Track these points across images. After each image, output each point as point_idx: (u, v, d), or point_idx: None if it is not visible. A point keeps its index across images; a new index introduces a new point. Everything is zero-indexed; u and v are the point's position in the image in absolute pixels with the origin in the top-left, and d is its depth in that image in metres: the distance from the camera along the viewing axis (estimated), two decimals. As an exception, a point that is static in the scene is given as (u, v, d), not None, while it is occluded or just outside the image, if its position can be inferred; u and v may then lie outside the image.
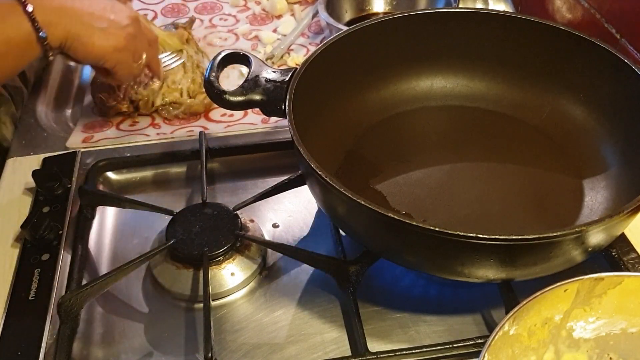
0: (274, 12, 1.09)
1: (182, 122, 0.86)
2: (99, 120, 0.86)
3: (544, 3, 0.97)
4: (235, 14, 1.10)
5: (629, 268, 0.63)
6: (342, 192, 0.53)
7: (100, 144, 0.82)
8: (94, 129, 0.85)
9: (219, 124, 0.86)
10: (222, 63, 0.68)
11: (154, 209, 0.68)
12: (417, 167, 0.71)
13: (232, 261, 0.65)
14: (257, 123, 0.85)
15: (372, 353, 0.56)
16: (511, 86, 0.76)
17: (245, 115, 0.86)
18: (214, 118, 0.87)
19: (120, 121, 0.86)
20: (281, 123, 0.84)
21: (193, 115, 0.87)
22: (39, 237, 0.66)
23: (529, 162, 0.72)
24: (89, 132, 0.84)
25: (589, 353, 0.53)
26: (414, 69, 0.77)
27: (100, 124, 0.86)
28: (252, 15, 1.10)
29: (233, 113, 0.87)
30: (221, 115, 0.87)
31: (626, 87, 0.66)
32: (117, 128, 0.85)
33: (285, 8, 1.10)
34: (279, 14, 1.09)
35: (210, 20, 1.09)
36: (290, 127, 0.59)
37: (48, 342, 0.58)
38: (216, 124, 0.86)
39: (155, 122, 0.86)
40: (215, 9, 1.12)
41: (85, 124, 0.86)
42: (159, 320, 0.63)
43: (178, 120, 0.86)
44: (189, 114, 0.86)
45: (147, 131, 0.84)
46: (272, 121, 0.85)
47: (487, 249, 0.51)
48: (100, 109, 0.87)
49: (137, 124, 0.86)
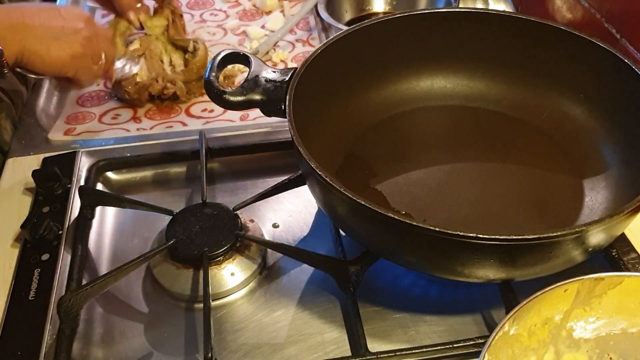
0: (264, 8, 1.10)
1: (162, 116, 0.87)
2: (82, 112, 0.88)
3: (544, 3, 0.97)
4: (226, 10, 1.11)
5: (629, 268, 0.63)
6: (342, 192, 0.53)
7: (81, 137, 0.83)
8: (77, 120, 0.87)
9: (199, 119, 0.87)
10: (222, 63, 0.68)
11: (154, 209, 0.68)
12: (417, 167, 0.71)
13: (232, 261, 0.65)
14: (236, 120, 0.86)
15: (372, 353, 0.56)
16: (511, 86, 0.76)
17: (224, 112, 0.87)
18: (194, 114, 0.88)
19: (103, 113, 0.88)
20: (260, 120, 0.85)
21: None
22: (39, 237, 0.66)
23: (529, 162, 0.72)
24: (71, 123, 0.86)
25: (589, 353, 0.53)
26: (414, 69, 0.77)
27: (84, 115, 0.87)
28: (243, 11, 1.11)
29: (213, 109, 0.88)
30: (201, 110, 0.88)
31: (626, 87, 0.66)
32: (100, 121, 0.87)
33: (275, 4, 1.10)
34: (269, 10, 1.10)
35: (200, 15, 1.10)
36: (290, 127, 0.59)
37: (48, 342, 0.58)
38: (196, 120, 0.87)
39: (137, 115, 0.88)
40: (206, 4, 1.13)
41: (68, 116, 0.87)
42: (159, 320, 0.63)
43: (159, 114, 0.87)
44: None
45: (128, 125, 0.86)
46: (250, 118, 0.86)
47: (487, 249, 0.51)
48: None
49: (119, 117, 0.87)
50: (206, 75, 0.66)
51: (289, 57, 0.99)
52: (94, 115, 0.87)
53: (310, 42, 1.03)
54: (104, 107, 0.89)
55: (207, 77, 0.66)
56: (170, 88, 0.87)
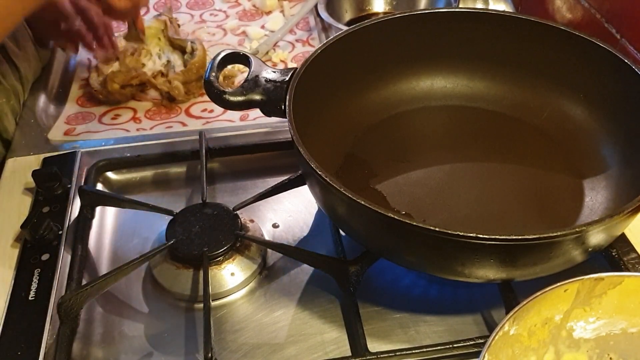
0: (264, 8, 1.10)
1: (162, 116, 0.87)
2: (82, 113, 0.88)
3: (544, 3, 0.97)
4: (226, 10, 1.11)
5: (629, 268, 0.63)
6: (342, 192, 0.53)
7: (81, 137, 0.83)
8: (77, 120, 0.87)
9: (198, 119, 0.87)
10: (222, 63, 0.68)
11: (154, 209, 0.68)
12: (417, 167, 0.71)
13: (232, 261, 0.65)
14: (236, 120, 0.86)
15: (372, 353, 0.56)
16: (511, 86, 0.76)
17: (224, 112, 0.87)
18: (194, 114, 0.88)
19: (103, 114, 0.88)
20: (261, 120, 0.85)
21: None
22: (39, 237, 0.66)
23: (529, 162, 0.72)
24: (71, 124, 0.86)
25: (589, 353, 0.53)
26: (414, 69, 0.77)
27: (84, 116, 0.87)
28: (242, 11, 1.11)
29: (213, 109, 0.88)
30: (201, 110, 0.88)
31: (626, 87, 0.66)
32: (99, 121, 0.87)
33: (275, 5, 1.10)
34: (268, 10, 1.10)
35: (200, 15, 1.10)
36: (290, 127, 0.59)
37: (48, 342, 0.58)
38: (195, 120, 0.87)
39: (137, 116, 0.87)
40: (206, 5, 1.13)
41: (68, 116, 0.87)
42: (159, 320, 0.63)
43: (159, 114, 0.87)
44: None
45: (128, 126, 0.86)
46: (250, 118, 0.86)
47: (487, 249, 0.51)
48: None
49: (119, 118, 0.87)
50: (206, 76, 0.66)
51: (289, 57, 0.99)
52: (94, 116, 0.88)
53: (310, 42, 1.03)
54: (104, 107, 0.89)
55: (207, 77, 0.65)
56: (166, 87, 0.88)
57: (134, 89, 0.89)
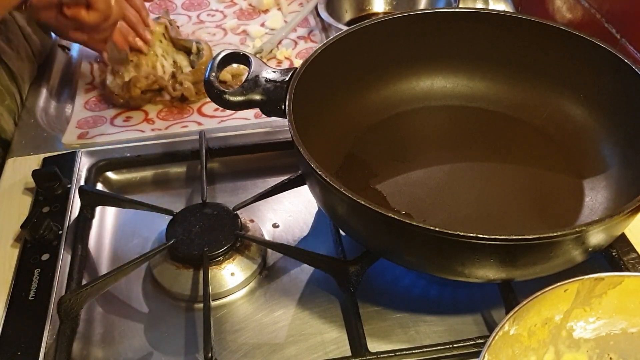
0: (261, 6, 1.10)
1: (175, 117, 0.87)
2: (92, 116, 0.87)
3: (544, 3, 0.97)
4: (222, 10, 1.11)
5: (629, 268, 0.63)
6: (342, 192, 0.53)
7: (96, 140, 0.83)
8: (88, 124, 0.86)
9: (213, 119, 0.87)
10: (222, 63, 0.68)
11: (154, 209, 0.68)
12: (417, 167, 0.71)
13: (232, 261, 0.65)
14: (251, 118, 0.86)
15: (372, 353, 0.56)
16: (511, 86, 0.76)
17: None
18: (207, 113, 0.88)
19: (114, 116, 0.87)
20: (260, 120, 0.85)
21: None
22: (39, 237, 0.66)
23: (529, 162, 0.72)
24: (83, 128, 0.85)
25: (589, 353, 0.53)
26: (414, 69, 0.77)
27: (95, 119, 0.87)
28: (239, 10, 1.11)
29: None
30: (214, 110, 0.88)
31: (626, 87, 0.66)
32: (112, 124, 0.86)
33: (271, 2, 1.11)
34: (265, 8, 1.10)
35: (197, 16, 1.10)
36: (290, 127, 0.59)
37: (48, 342, 0.58)
38: (210, 119, 0.87)
39: (149, 117, 0.87)
40: (202, 5, 1.13)
41: (78, 120, 0.87)
42: (159, 320, 0.63)
43: (171, 115, 0.87)
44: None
45: (142, 127, 0.85)
46: (264, 115, 0.85)
47: (487, 249, 0.51)
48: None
49: (131, 120, 0.87)
50: (206, 76, 0.66)
51: (293, 54, 1.00)
52: (105, 119, 0.87)
53: (311, 38, 1.03)
54: (113, 110, 0.88)
55: (207, 77, 0.66)
56: (178, 90, 0.88)
57: (153, 94, 0.89)
